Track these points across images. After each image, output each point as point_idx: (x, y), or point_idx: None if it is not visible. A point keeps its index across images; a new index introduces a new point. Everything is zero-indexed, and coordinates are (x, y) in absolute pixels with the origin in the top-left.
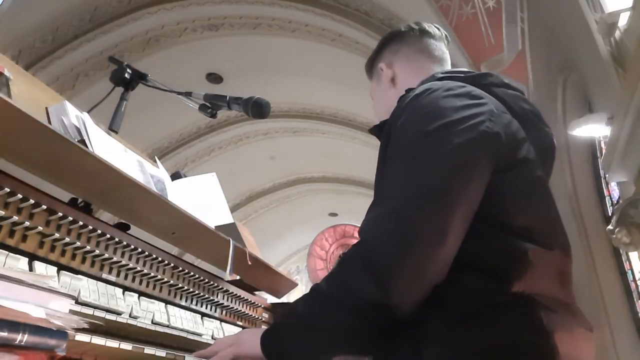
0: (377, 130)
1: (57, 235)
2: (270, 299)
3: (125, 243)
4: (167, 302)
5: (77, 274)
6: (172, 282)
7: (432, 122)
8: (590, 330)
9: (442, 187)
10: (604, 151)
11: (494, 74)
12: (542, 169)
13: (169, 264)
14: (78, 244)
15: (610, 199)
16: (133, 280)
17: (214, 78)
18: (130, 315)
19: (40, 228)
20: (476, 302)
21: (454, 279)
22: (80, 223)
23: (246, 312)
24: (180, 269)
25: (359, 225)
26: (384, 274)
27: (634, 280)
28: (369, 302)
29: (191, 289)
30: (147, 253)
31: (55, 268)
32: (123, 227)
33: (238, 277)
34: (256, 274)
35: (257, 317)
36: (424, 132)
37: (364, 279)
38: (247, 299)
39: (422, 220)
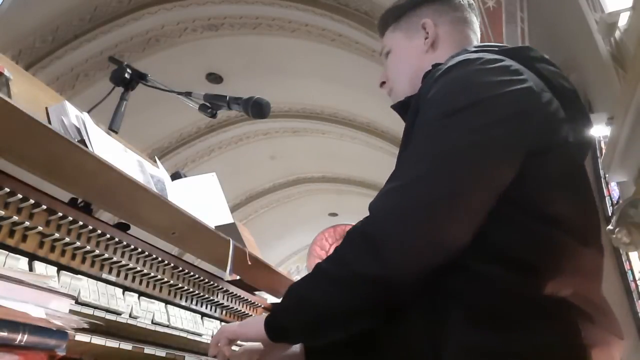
0: (401, 107)
1: (57, 235)
2: (270, 299)
3: (125, 243)
4: (167, 302)
5: (77, 274)
6: (172, 282)
7: (462, 98)
8: (622, 339)
9: (462, 167)
10: (604, 151)
11: (532, 48)
12: (579, 153)
13: (169, 264)
14: (78, 244)
15: (610, 199)
16: (133, 280)
17: (214, 78)
18: (130, 315)
19: (40, 228)
20: (502, 301)
21: (478, 270)
22: (80, 223)
23: (246, 312)
24: (180, 269)
25: None
26: (381, 245)
27: (634, 280)
28: (366, 276)
29: (191, 289)
30: (147, 253)
31: (55, 268)
32: (123, 227)
33: (238, 277)
34: (256, 274)
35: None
36: (452, 109)
37: (362, 251)
38: (247, 299)
39: (432, 199)
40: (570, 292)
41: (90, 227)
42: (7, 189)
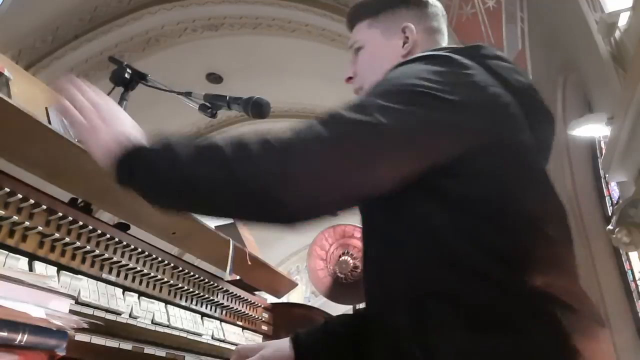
0: None
1: (57, 235)
2: (270, 299)
3: (125, 243)
4: (167, 302)
5: (77, 274)
6: (172, 282)
7: (399, 82)
8: (603, 326)
9: (392, 129)
10: (604, 151)
11: (485, 46)
12: (539, 148)
13: (169, 264)
14: (78, 244)
15: (610, 199)
16: (133, 280)
17: (214, 78)
18: (130, 315)
19: (40, 228)
20: (491, 299)
21: (465, 270)
22: (80, 223)
23: (246, 312)
24: (180, 269)
25: (359, 226)
26: (293, 173)
27: (634, 280)
28: (263, 186)
29: (191, 289)
30: (147, 253)
31: (55, 268)
32: (123, 227)
33: (238, 277)
34: (256, 274)
35: (257, 317)
36: (392, 87)
37: (272, 165)
38: (247, 299)
39: (357, 145)
40: (551, 283)
41: (90, 227)
42: (7, 189)
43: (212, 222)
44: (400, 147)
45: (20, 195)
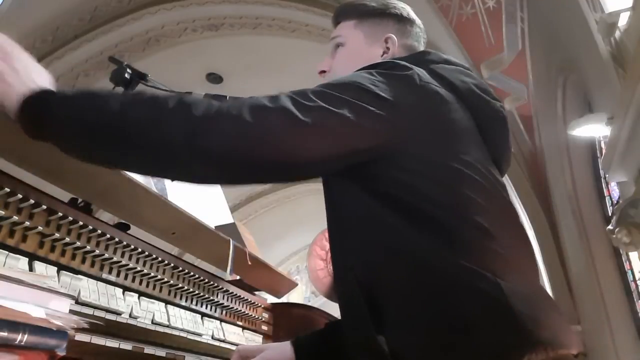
0: None
1: (57, 235)
2: (270, 299)
3: (125, 243)
4: (167, 302)
5: (77, 274)
6: (172, 282)
7: (346, 78)
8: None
9: (322, 114)
10: (604, 151)
11: (432, 52)
12: (486, 143)
13: (169, 264)
14: (78, 244)
15: (610, 199)
16: (133, 280)
17: (214, 78)
18: (130, 315)
19: (40, 228)
20: (433, 280)
21: (405, 257)
22: (80, 223)
23: (246, 312)
24: (180, 269)
25: None
26: (205, 129)
27: (634, 280)
28: (173, 131)
29: (191, 289)
30: (147, 253)
31: (55, 268)
32: (123, 227)
33: (238, 277)
34: (256, 274)
35: (257, 317)
36: (335, 81)
37: (185, 119)
38: (247, 299)
39: (277, 123)
40: (493, 267)
41: (90, 227)
42: (7, 189)
43: (212, 222)
44: (322, 130)
45: (20, 195)
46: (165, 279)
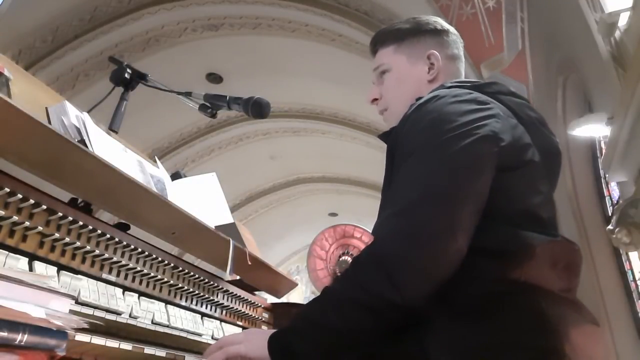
0: (386, 137)
1: (57, 235)
2: (270, 299)
3: (125, 243)
4: (167, 302)
5: (77, 274)
6: (172, 282)
7: (438, 127)
8: (597, 325)
9: (450, 187)
10: (604, 151)
11: (499, 83)
12: (547, 174)
13: (169, 264)
14: (78, 244)
15: (610, 199)
16: (133, 280)
17: (214, 78)
18: (130, 315)
19: (40, 228)
20: (478, 292)
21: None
22: (80, 223)
23: (246, 312)
24: (180, 269)
25: (359, 226)
26: (395, 271)
27: (634, 280)
28: (382, 299)
29: (191, 289)
30: (147, 253)
31: (55, 268)
32: (123, 227)
33: (238, 277)
34: (256, 274)
35: (257, 317)
36: (431, 137)
37: (376, 276)
38: (247, 299)
39: (431, 218)
40: (536, 282)
41: (90, 227)
42: (7, 189)
43: (212, 222)
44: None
45: (20, 195)
46: (165, 279)
